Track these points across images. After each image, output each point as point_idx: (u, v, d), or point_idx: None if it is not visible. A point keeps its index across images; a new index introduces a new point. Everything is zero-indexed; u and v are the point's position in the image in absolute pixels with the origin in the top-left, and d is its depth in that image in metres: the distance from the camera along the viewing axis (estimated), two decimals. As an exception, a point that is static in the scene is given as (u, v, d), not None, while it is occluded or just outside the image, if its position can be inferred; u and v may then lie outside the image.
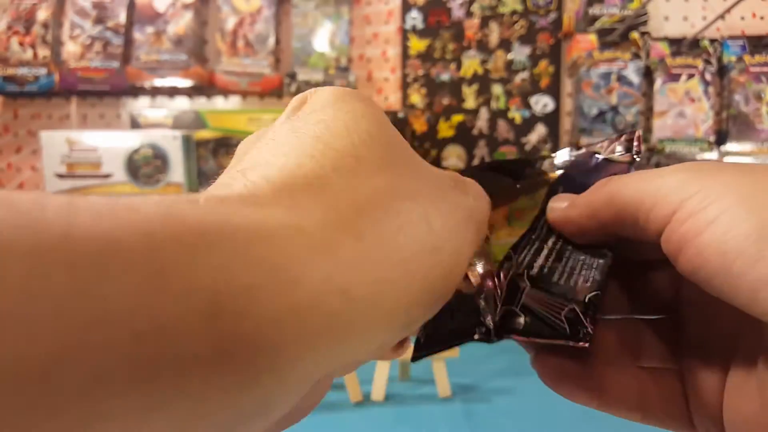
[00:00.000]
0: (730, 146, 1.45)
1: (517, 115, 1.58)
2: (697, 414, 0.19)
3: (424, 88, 1.61)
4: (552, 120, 1.58)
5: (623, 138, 0.22)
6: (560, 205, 0.21)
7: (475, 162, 1.60)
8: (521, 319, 0.19)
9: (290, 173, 0.13)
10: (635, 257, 0.21)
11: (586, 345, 0.18)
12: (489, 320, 0.19)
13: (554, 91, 1.57)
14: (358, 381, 0.72)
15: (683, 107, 1.47)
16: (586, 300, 0.19)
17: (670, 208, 0.16)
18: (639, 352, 0.21)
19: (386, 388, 0.72)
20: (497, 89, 1.59)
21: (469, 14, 1.58)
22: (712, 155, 1.44)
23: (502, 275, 0.20)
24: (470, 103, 1.60)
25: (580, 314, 0.18)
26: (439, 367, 0.73)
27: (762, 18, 1.49)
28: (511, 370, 0.81)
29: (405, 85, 1.61)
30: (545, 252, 0.21)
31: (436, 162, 1.58)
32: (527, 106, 1.58)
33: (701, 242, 0.15)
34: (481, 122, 1.60)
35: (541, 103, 1.58)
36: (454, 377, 0.75)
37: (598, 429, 0.64)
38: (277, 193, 0.13)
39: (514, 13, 1.57)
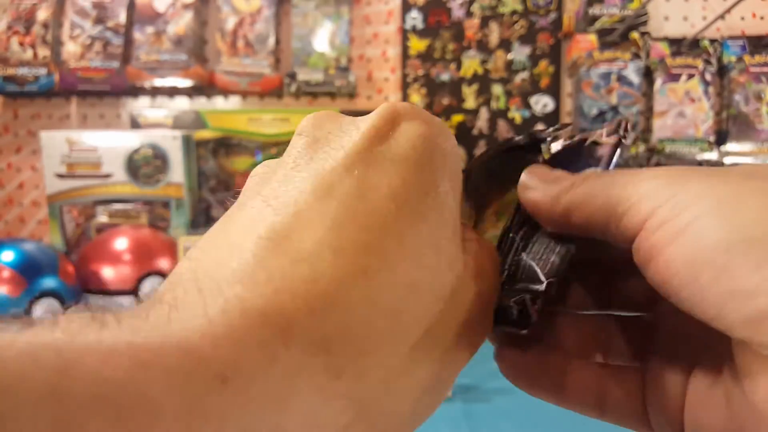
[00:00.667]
0: (730, 146, 1.45)
1: (517, 115, 1.58)
2: (655, 415, 0.18)
3: (424, 88, 1.61)
4: (552, 120, 1.58)
5: (613, 124, 0.22)
6: (532, 184, 0.19)
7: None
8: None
9: (261, 301, 0.12)
10: (609, 255, 0.20)
11: (523, 332, 0.18)
12: None
13: (554, 91, 1.57)
14: (358, 381, 0.72)
15: (683, 107, 1.47)
16: (544, 288, 0.18)
17: (642, 216, 0.15)
18: (607, 349, 0.20)
19: (386, 388, 0.73)
20: (497, 89, 1.59)
21: (469, 14, 1.58)
22: (712, 155, 1.44)
23: None
24: (470, 103, 1.60)
25: (528, 301, 0.18)
26: (439, 367, 0.73)
27: (762, 18, 1.49)
28: (511, 370, 0.81)
29: (405, 85, 1.61)
30: (515, 245, 0.20)
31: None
32: (527, 106, 1.58)
33: (671, 253, 0.14)
34: (481, 122, 1.60)
35: (541, 103, 1.58)
36: (454, 377, 0.75)
37: (597, 429, 0.64)
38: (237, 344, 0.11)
39: (514, 13, 1.57)
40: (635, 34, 1.49)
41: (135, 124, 1.48)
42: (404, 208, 0.14)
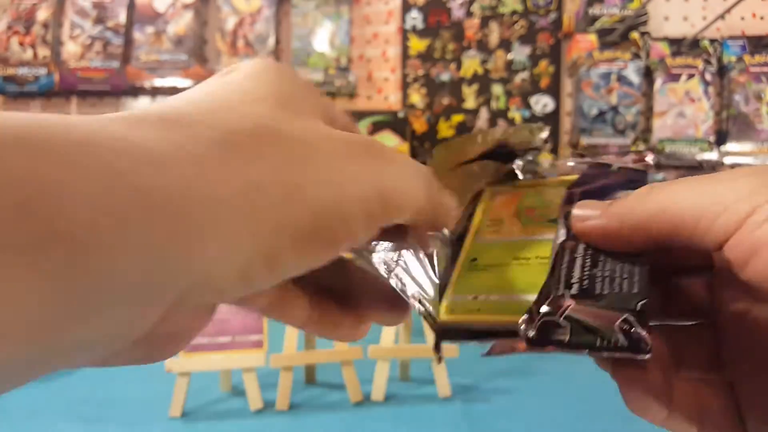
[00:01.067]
0: (730, 146, 1.45)
1: (517, 115, 1.58)
2: (754, 424, 0.18)
3: (424, 88, 1.61)
4: (552, 120, 1.58)
5: (630, 156, 0.22)
6: (589, 214, 0.19)
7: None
8: (566, 330, 0.18)
9: (174, 109, 0.14)
10: (667, 263, 0.20)
11: (647, 357, 0.17)
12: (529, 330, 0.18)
13: (554, 91, 1.57)
14: (358, 381, 0.72)
15: (683, 107, 1.47)
16: (638, 308, 0.17)
17: (741, 215, 0.15)
18: (680, 361, 0.20)
19: (386, 388, 0.72)
20: (497, 89, 1.59)
21: (469, 14, 1.58)
22: (712, 155, 1.44)
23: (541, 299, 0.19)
24: (470, 103, 1.60)
25: (636, 324, 0.17)
26: (439, 367, 0.73)
27: (762, 18, 1.49)
28: (511, 370, 0.81)
29: (405, 85, 1.61)
30: (579, 262, 0.19)
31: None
32: (527, 106, 1.58)
33: None
34: (481, 122, 1.60)
35: (541, 103, 1.58)
36: (454, 377, 0.75)
37: (597, 428, 0.65)
38: (154, 119, 0.13)
39: (514, 13, 1.57)
40: (635, 34, 1.49)
41: (135, 124, 1.48)
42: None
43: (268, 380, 0.75)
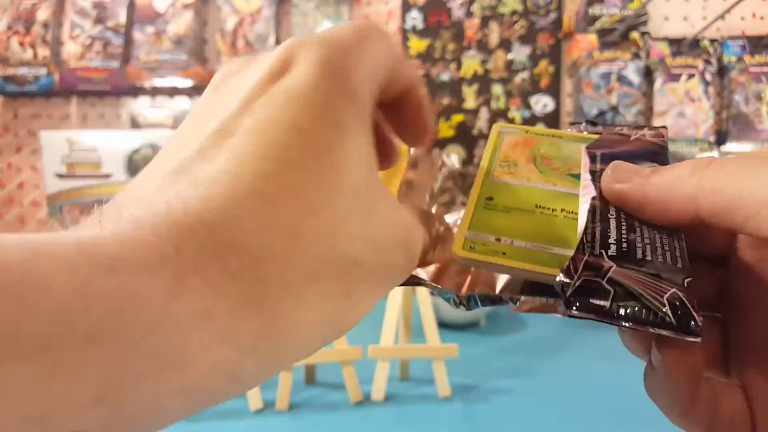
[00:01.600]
0: (730, 146, 1.45)
1: (517, 115, 1.58)
2: None
3: (424, 88, 1.61)
4: (552, 120, 1.58)
5: (645, 131, 0.21)
6: (626, 178, 0.18)
7: (476, 161, 1.59)
8: (607, 295, 0.15)
9: (179, 209, 0.13)
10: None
11: (697, 340, 0.15)
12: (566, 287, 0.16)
13: (554, 91, 1.57)
14: (358, 381, 0.72)
15: (683, 107, 1.47)
16: (685, 284, 0.16)
17: None
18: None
19: (386, 388, 0.72)
20: (497, 89, 1.59)
21: (469, 14, 1.58)
22: (713, 155, 1.44)
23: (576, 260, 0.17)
24: (470, 103, 1.60)
25: (687, 302, 0.15)
26: (439, 367, 0.73)
27: (762, 18, 1.48)
28: (511, 370, 0.81)
29: (405, 85, 1.61)
30: (613, 224, 0.18)
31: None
32: (527, 106, 1.58)
33: None
34: (481, 122, 1.60)
35: (541, 103, 1.57)
36: (454, 377, 0.75)
37: (597, 428, 0.65)
38: (160, 249, 0.12)
39: (514, 13, 1.57)
40: (635, 34, 1.49)
41: (135, 124, 1.48)
42: (307, 138, 0.14)
43: (268, 380, 0.75)
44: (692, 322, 0.15)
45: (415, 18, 1.60)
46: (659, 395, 0.17)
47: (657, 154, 0.20)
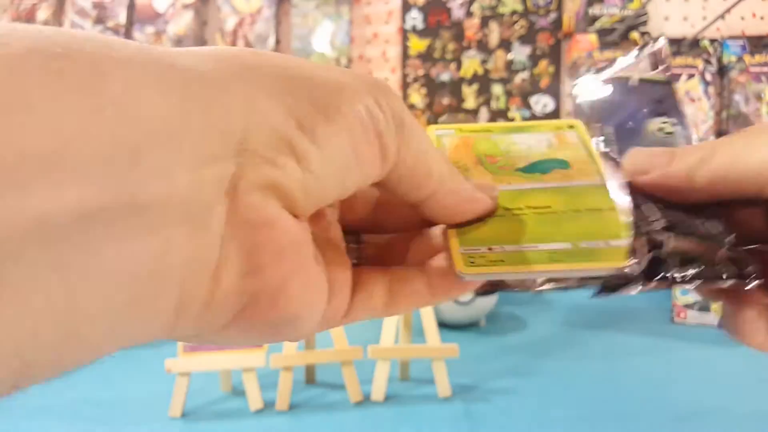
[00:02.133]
0: (730, 146, 1.45)
1: (517, 115, 1.58)
2: None
3: (424, 88, 1.61)
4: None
5: (645, 52, 0.21)
6: (647, 167, 0.19)
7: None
8: (670, 264, 0.17)
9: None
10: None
11: (756, 283, 0.17)
12: (637, 267, 0.18)
13: (554, 91, 1.57)
14: (358, 381, 0.72)
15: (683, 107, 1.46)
16: (727, 243, 0.18)
17: None
18: None
19: (386, 388, 0.72)
20: (497, 89, 1.59)
21: (469, 14, 1.58)
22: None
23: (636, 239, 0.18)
24: (470, 103, 1.60)
25: (739, 253, 0.17)
26: (439, 367, 0.73)
27: (762, 18, 1.48)
28: (511, 370, 0.81)
29: (405, 85, 1.61)
30: (650, 206, 0.19)
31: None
32: (527, 106, 1.58)
33: None
34: (482, 122, 1.60)
35: (541, 103, 1.57)
36: (454, 377, 0.75)
37: (597, 428, 0.65)
38: None
39: (514, 13, 1.57)
40: (635, 34, 1.49)
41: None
42: None
43: (268, 380, 0.75)
44: (749, 269, 0.17)
45: (415, 18, 1.60)
46: (746, 335, 0.19)
47: (661, 102, 0.21)
